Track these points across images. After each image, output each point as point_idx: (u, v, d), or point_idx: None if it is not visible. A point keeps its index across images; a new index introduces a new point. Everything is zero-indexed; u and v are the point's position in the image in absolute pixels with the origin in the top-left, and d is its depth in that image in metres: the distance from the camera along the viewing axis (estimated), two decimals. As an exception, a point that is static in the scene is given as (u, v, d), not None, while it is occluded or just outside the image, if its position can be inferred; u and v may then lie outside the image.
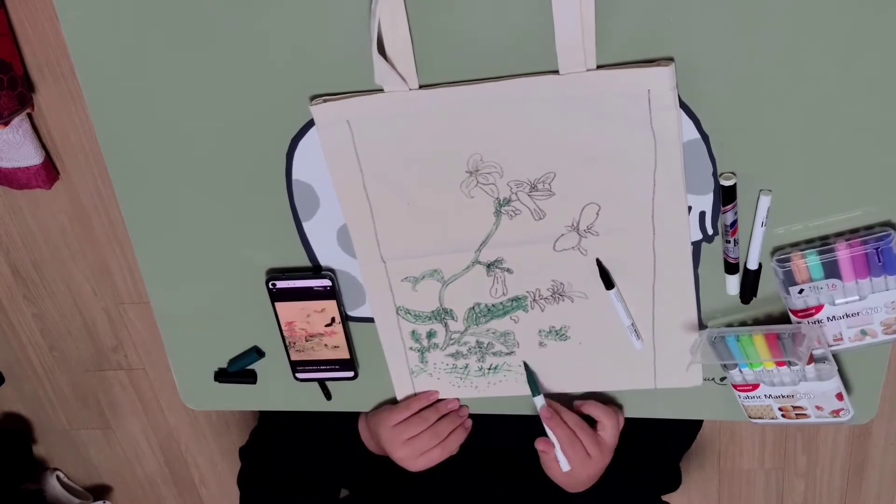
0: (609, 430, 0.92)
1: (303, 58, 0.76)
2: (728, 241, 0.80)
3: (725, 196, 0.77)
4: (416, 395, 0.96)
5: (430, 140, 0.78)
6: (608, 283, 0.84)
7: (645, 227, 0.81)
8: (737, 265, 0.82)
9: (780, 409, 0.89)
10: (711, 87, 0.73)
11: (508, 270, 0.86)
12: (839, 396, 0.85)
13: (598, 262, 0.83)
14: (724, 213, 0.78)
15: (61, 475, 1.91)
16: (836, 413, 0.87)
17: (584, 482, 0.95)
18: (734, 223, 0.79)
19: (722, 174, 0.77)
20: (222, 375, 0.98)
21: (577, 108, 0.74)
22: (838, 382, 0.84)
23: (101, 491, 1.97)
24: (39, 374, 1.81)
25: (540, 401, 0.92)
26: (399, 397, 0.97)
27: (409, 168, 0.80)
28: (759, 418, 0.90)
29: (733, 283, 0.83)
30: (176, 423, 1.82)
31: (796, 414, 0.88)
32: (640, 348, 0.88)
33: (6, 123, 1.38)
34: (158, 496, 1.97)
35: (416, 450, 0.94)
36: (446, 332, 0.91)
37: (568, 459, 0.92)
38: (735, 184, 0.76)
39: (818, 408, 0.87)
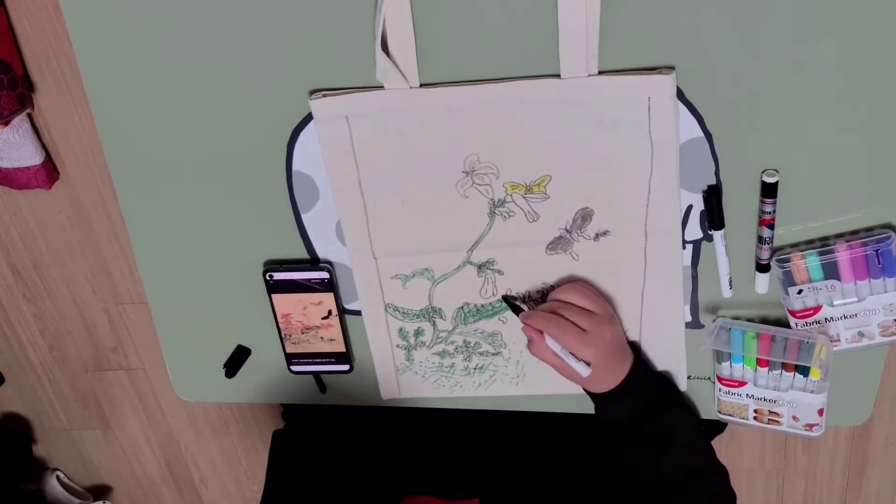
0: (582, 300, 0.81)
1: (306, 50, 0.76)
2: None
3: (765, 193, 0.76)
4: None
5: (427, 139, 0.78)
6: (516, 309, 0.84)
7: (637, 233, 0.80)
8: (768, 264, 0.81)
9: (754, 411, 0.88)
10: (715, 86, 0.73)
11: (499, 272, 0.85)
12: (820, 412, 0.85)
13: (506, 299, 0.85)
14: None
15: (61, 475, 1.91)
16: (810, 427, 0.86)
17: (602, 367, 0.80)
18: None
19: (765, 171, 0.76)
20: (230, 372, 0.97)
21: (576, 112, 0.74)
22: (825, 398, 0.84)
23: (101, 491, 1.97)
24: (39, 374, 1.81)
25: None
26: (384, 396, 0.96)
27: (405, 166, 0.80)
28: (730, 415, 0.89)
29: (763, 282, 0.82)
30: (176, 423, 1.82)
31: (769, 419, 0.87)
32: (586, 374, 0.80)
33: (6, 123, 1.38)
34: (158, 496, 1.97)
35: None
36: (434, 330, 0.91)
37: (563, 343, 0.79)
38: (777, 181, 0.75)
39: (795, 418, 0.86)
